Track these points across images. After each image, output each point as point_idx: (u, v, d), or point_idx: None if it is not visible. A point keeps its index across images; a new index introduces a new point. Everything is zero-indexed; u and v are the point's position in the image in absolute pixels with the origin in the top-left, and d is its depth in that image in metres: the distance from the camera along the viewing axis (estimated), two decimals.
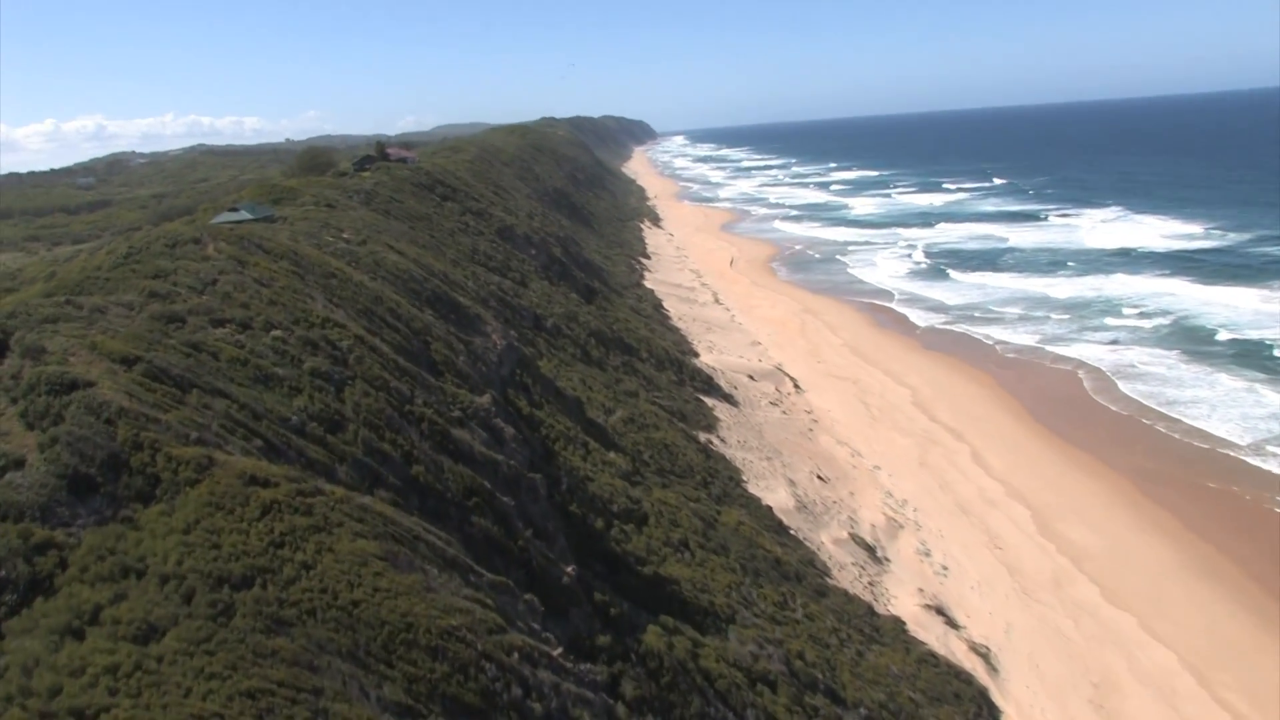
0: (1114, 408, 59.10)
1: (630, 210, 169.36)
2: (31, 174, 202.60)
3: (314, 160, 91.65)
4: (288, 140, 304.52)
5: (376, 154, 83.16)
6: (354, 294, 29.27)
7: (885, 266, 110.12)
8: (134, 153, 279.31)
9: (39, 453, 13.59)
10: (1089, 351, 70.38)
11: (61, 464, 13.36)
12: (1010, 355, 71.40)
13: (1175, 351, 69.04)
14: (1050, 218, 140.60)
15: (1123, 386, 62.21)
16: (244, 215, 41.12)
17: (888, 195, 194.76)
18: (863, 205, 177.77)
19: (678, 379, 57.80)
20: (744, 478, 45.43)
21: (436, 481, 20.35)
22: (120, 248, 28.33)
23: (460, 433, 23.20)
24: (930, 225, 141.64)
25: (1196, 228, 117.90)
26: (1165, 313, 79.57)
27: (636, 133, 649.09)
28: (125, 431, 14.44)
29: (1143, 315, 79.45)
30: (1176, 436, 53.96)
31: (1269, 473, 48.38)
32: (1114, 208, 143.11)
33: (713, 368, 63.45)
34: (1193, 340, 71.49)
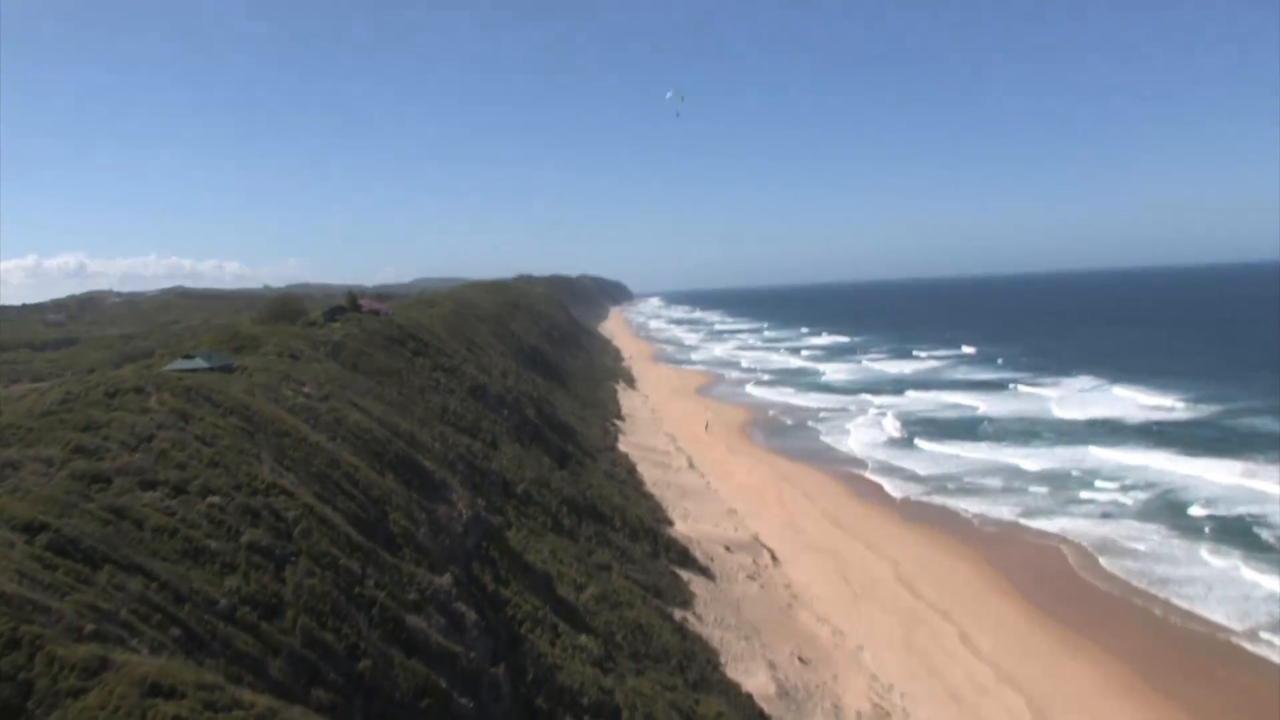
0: (1102, 586, 56.82)
1: (606, 371, 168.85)
2: (2, 308, 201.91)
3: (284, 308, 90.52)
4: (265, 286, 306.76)
5: (348, 304, 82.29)
6: (307, 456, 26.93)
7: (858, 434, 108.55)
8: (110, 291, 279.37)
9: None
10: (1071, 525, 68.31)
11: None
12: (990, 529, 69.14)
13: (1159, 526, 67.19)
14: (1021, 387, 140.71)
15: (1108, 564, 60.01)
16: (199, 363, 39.16)
17: (859, 362, 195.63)
18: (835, 371, 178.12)
19: (652, 550, 54.95)
20: (721, 660, 42.31)
21: (385, 679, 17.65)
22: (55, 394, 26.09)
23: (415, 619, 20.58)
24: (901, 393, 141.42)
25: (1169, 400, 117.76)
26: (1147, 485, 78.04)
27: (613, 293, 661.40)
28: (1, 625, 11.95)
29: (1123, 489, 77.77)
30: (1174, 620, 51.54)
31: (1270, 661, 45.88)
32: (1086, 377, 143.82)
33: (688, 538, 60.73)
34: (1175, 514, 69.76)
